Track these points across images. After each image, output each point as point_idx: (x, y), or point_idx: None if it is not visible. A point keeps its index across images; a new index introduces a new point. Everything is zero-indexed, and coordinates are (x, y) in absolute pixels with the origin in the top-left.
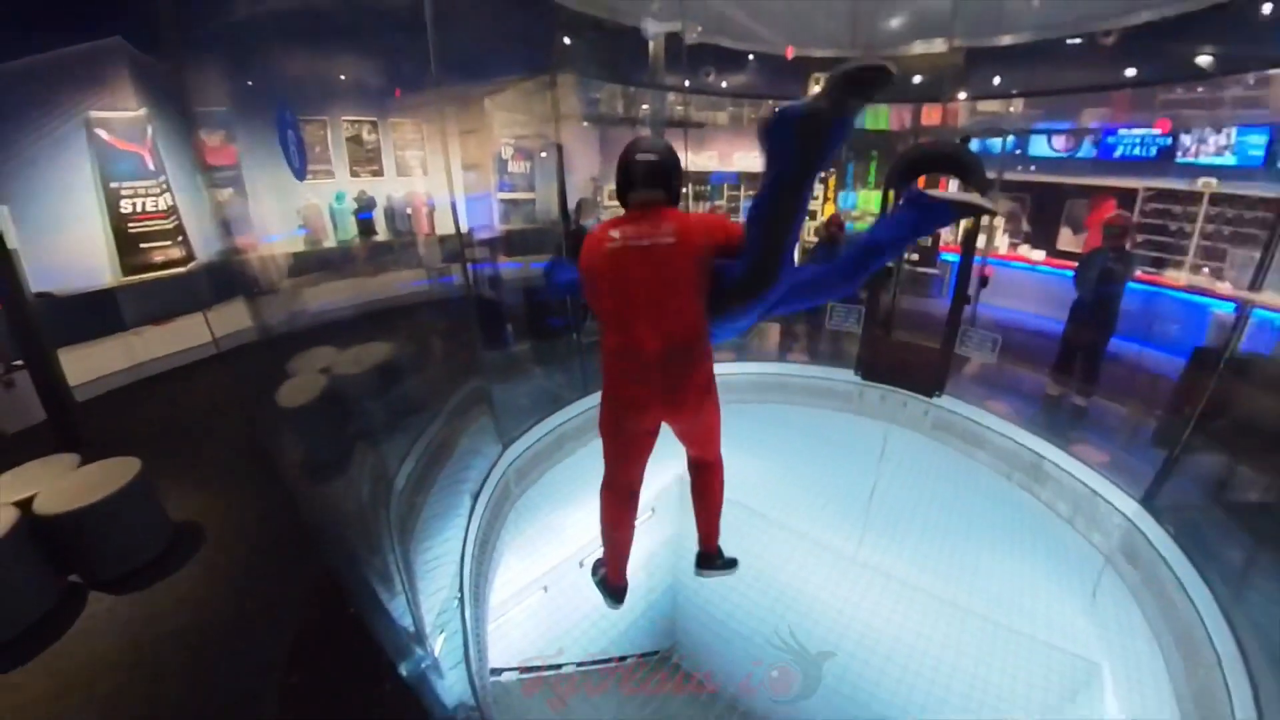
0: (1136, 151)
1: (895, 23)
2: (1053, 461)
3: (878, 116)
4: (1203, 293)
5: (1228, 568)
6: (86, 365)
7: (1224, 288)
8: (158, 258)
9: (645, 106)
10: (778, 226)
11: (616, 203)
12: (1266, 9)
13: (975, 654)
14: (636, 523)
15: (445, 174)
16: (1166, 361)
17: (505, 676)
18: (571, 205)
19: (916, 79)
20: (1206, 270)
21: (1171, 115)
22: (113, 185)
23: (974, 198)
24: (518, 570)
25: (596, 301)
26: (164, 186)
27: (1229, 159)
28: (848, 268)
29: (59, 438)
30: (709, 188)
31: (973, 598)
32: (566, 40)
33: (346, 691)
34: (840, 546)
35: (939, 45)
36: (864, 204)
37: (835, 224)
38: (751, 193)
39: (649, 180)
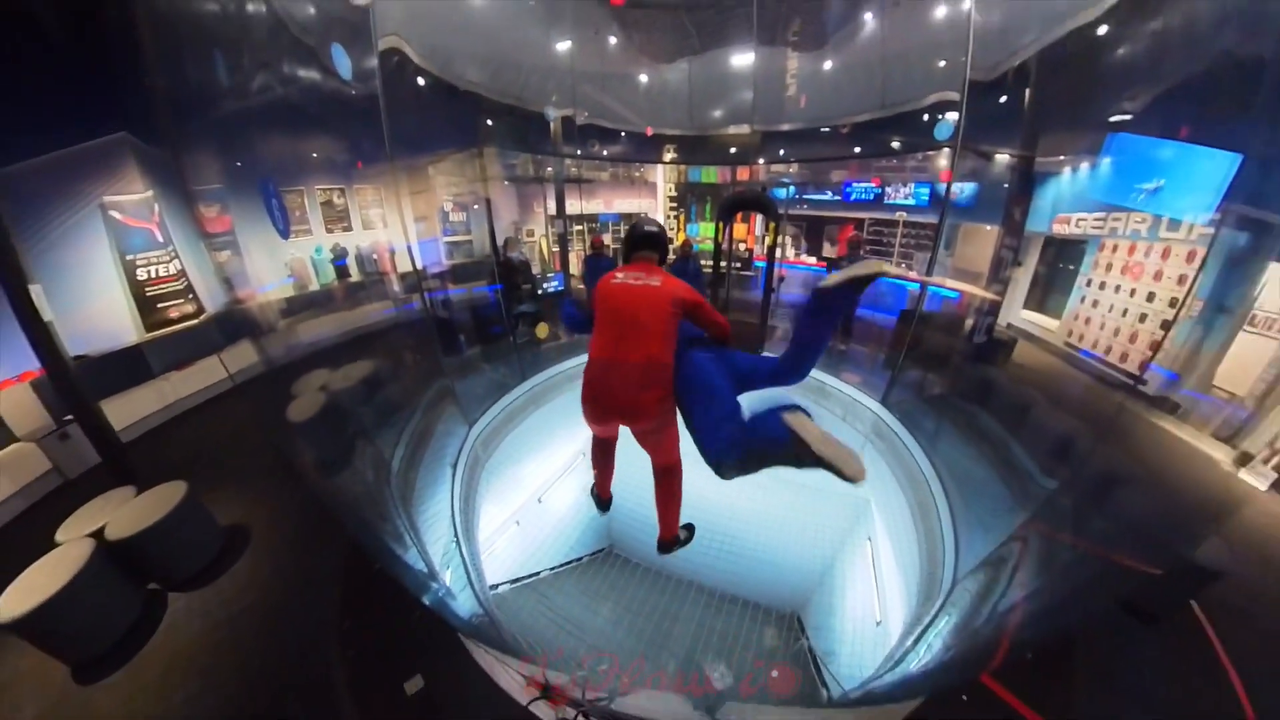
0: (863, 196)
1: (716, 113)
2: (830, 385)
3: (709, 173)
4: (902, 278)
5: (927, 432)
6: (127, 411)
7: (913, 275)
8: (173, 314)
9: (549, 169)
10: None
11: (533, 239)
12: (925, 117)
13: (799, 509)
14: (572, 468)
15: (401, 226)
16: (886, 320)
17: (501, 589)
18: (500, 242)
19: (732, 150)
20: (904, 264)
21: (881, 175)
22: (129, 257)
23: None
24: (495, 514)
25: (597, 319)
26: (172, 254)
27: (911, 201)
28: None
29: (114, 475)
30: (599, 225)
31: (790, 474)
32: (489, 122)
33: (388, 624)
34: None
35: (744, 129)
36: (704, 232)
37: (686, 246)
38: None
39: (647, 244)
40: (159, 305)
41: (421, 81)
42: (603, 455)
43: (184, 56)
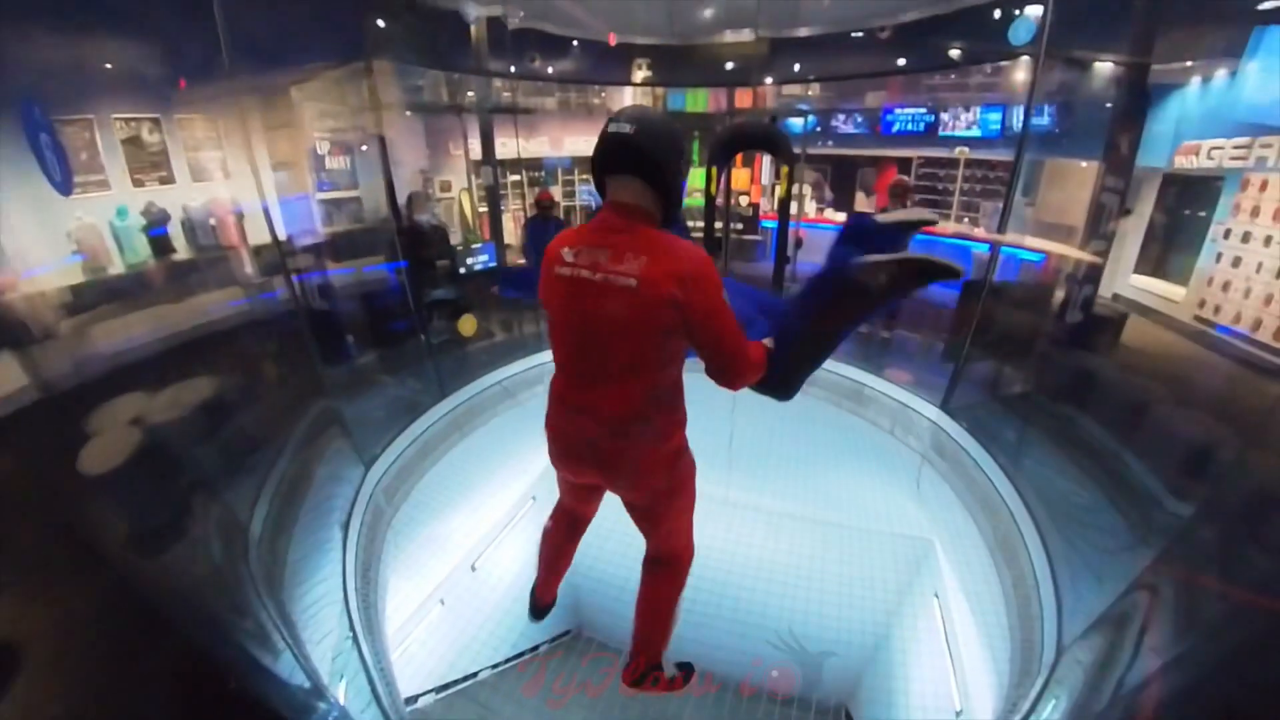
0: (910, 127)
1: (707, 13)
2: (870, 387)
3: (697, 99)
4: (965, 237)
5: (1006, 444)
6: None
7: (981, 233)
8: None
9: (471, 93)
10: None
11: (450, 194)
12: (997, 14)
13: (837, 556)
14: (519, 518)
15: (252, 176)
16: (946, 294)
17: (423, 702)
18: (401, 201)
19: (729, 65)
20: (966, 220)
21: (935, 97)
22: None
23: (911, 214)
24: (409, 591)
25: (550, 328)
26: None
27: (975, 131)
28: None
29: None
30: (543, 174)
31: (826, 510)
32: (380, 23)
33: None
34: (710, 492)
35: (746, 35)
36: (692, 182)
37: None
38: (585, 176)
39: (622, 160)
40: None
41: None
42: (560, 530)
43: None
